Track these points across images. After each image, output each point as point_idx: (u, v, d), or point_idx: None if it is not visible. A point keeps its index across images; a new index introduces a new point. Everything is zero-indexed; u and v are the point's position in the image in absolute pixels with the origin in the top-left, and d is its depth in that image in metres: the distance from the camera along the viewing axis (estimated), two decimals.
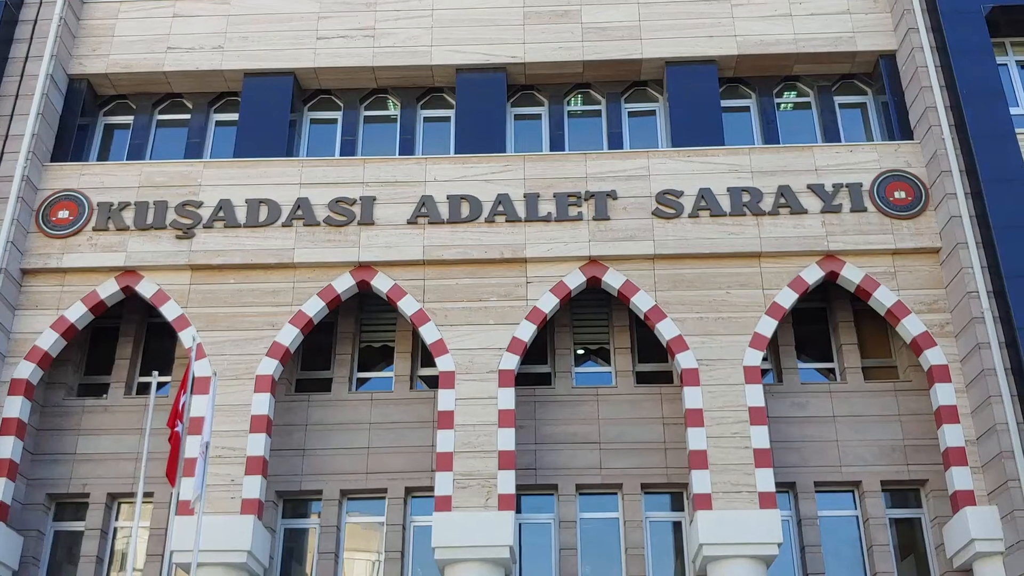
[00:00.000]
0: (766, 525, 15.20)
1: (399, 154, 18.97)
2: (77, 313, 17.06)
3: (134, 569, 16.02)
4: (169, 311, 17.01)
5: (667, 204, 17.38)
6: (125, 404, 17.58)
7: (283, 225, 17.39)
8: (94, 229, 17.48)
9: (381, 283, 17.15)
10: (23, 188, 17.41)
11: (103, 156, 19.46)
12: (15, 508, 16.41)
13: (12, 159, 17.60)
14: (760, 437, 15.81)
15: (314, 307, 16.99)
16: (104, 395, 17.86)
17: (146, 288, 17.19)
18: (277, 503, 16.96)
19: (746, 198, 17.35)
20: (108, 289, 17.22)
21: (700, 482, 15.63)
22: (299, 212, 17.44)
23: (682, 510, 16.94)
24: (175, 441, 14.39)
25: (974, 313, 15.94)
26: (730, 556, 15.16)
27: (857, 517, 16.79)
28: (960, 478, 15.61)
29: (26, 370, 16.63)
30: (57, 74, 18.68)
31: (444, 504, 15.62)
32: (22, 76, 18.36)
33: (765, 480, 15.53)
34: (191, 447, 15.07)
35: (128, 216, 17.56)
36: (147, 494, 16.53)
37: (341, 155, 18.96)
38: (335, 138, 19.42)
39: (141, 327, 18.46)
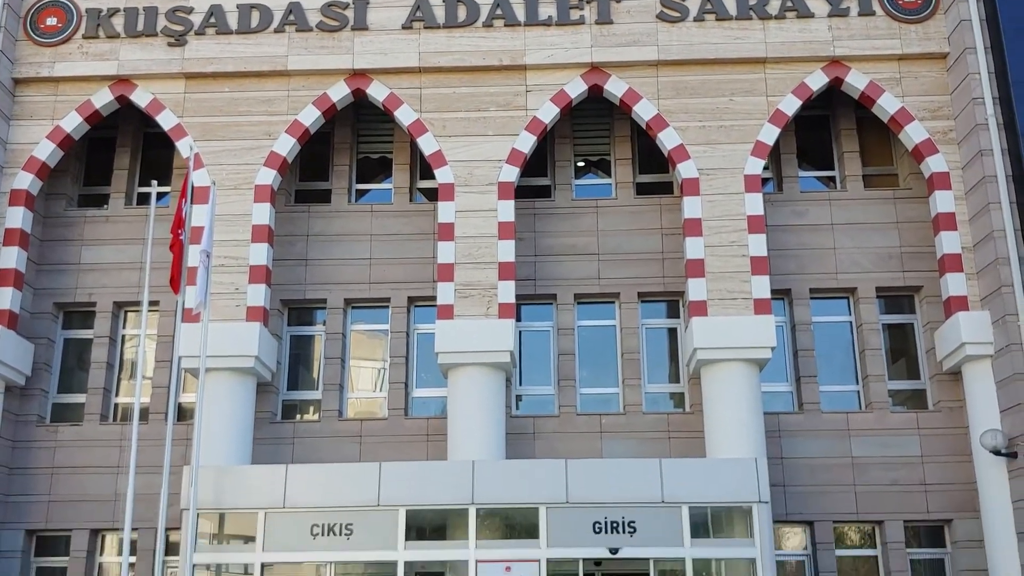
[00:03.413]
0: (760, 330, 15.48)
1: None
2: (72, 123, 16.88)
3: (144, 377, 16.44)
4: (165, 120, 16.83)
5: (672, 7, 16.87)
6: (126, 214, 17.65)
7: (275, 31, 16.96)
8: (84, 37, 17.09)
9: (377, 91, 16.87)
10: None
11: None
12: (24, 317, 16.73)
13: None
14: (758, 245, 15.91)
15: (310, 116, 16.78)
16: (104, 205, 17.91)
17: (141, 97, 16.95)
18: (282, 311, 17.25)
19: (752, 1, 16.84)
20: (102, 98, 16.98)
21: (696, 290, 15.83)
22: (291, 17, 16.97)
23: (678, 317, 17.24)
24: (178, 249, 14.52)
25: (978, 119, 15.75)
26: (723, 360, 15.52)
27: (851, 322, 17.11)
28: (954, 284, 15.81)
29: (25, 181, 16.61)
30: None
31: (446, 313, 15.88)
32: None
33: (761, 287, 15.72)
34: (193, 257, 15.19)
35: (118, 23, 17.12)
36: (152, 302, 16.82)
37: None
38: None
39: (138, 137, 18.33)
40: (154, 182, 15.86)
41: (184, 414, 16.79)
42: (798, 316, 16.77)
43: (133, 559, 15.56)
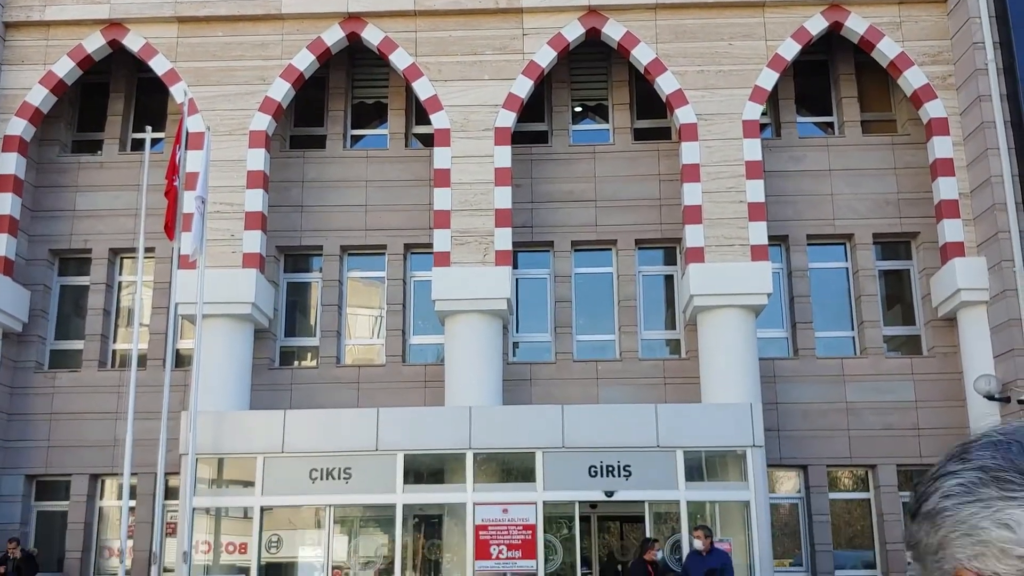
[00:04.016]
0: (756, 276, 15.51)
1: None
2: (65, 68, 16.72)
3: (141, 324, 16.44)
4: (158, 65, 16.66)
5: None
6: (120, 160, 17.56)
7: None
8: None
9: (371, 35, 16.70)
10: None
11: None
12: (19, 263, 16.70)
13: None
14: (755, 191, 15.88)
15: (304, 61, 16.63)
16: (98, 151, 17.81)
17: (133, 42, 16.76)
18: (278, 258, 17.22)
19: None
20: (94, 43, 16.80)
21: (693, 236, 15.82)
22: None
23: (675, 264, 17.24)
24: (172, 196, 14.46)
25: (978, 64, 15.64)
26: (720, 306, 15.56)
27: (847, 269, 17.13)
28: (951, 230, 15.82)
29: (18, 127, 16.49)
30: None
31: (443, 260, 15.87)
32: None
33: (758, 233, 15.72)
34: (188, 203, 15.13)
35: None
36: (148, 249, 16.75)
37: None
38: None
39: (131, 82, 18.17)
40: (148, 128, 15.79)
41: (182, 360, 16.82)
42: (795, 262, 16.78)
43: (133, 503, 15.67)
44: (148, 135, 15.59)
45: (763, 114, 17.20)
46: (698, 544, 12.79)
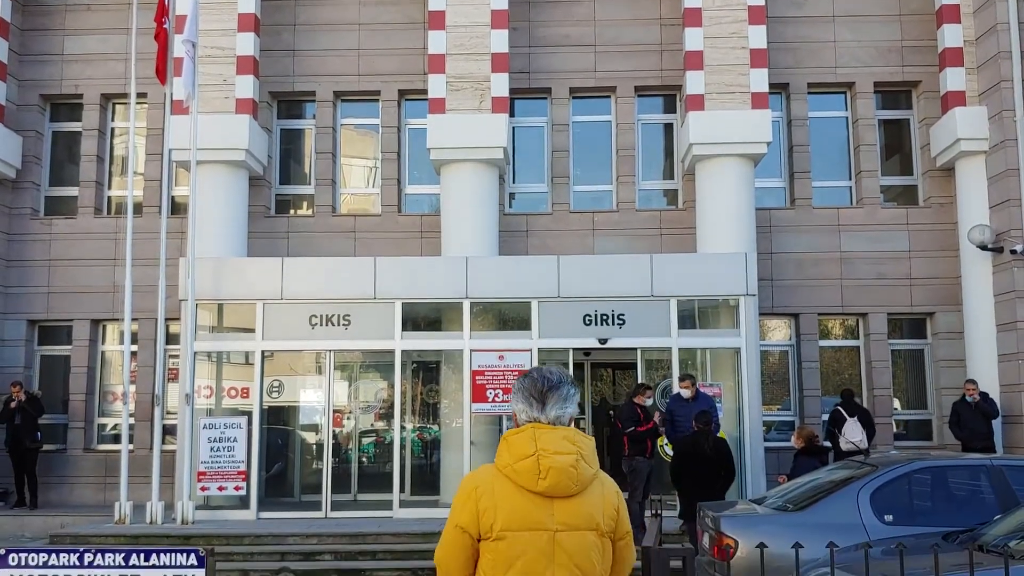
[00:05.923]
0: (756, 125, 15.33)
1: None
2: None
3: (135, 172, 16.33)
4: None
5: None
6: (108, 3, 17.04)
7: None
8: None
9: None
10: None
11: None
12: (10, 109, 16.46)
13: None
14: (757, 37, 15.53)
15: None
16: None
17: None
18: (271, 104, 16.97)
19: None
20: None
21: (694, 83, 15.56)
22: None
23: (674, 112, 17.03)
24: (162, 39, 14.13)
25: None
26: (718, 155, 15.45)
27: (847, 118, 16.94)
28: (953, 79, 15.59)
29: None
30: None
31: (438, 107, 15.62)
32: None
33: (759, 81, 15.45)
34: (179, 47, 14.76)
35: None
36: (140, 95, 16.41)
37: None
38: None
39: None
40: None
41: (178, 208, 16.74)
42: (794, 111, 16.58)
43: (135, 348, 15.91)
44: None
45: None
46: (686, 393, 13.03)
